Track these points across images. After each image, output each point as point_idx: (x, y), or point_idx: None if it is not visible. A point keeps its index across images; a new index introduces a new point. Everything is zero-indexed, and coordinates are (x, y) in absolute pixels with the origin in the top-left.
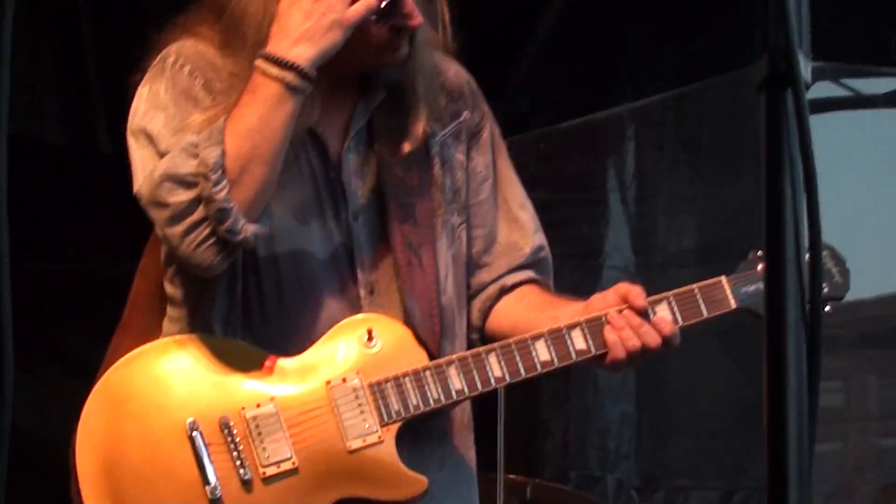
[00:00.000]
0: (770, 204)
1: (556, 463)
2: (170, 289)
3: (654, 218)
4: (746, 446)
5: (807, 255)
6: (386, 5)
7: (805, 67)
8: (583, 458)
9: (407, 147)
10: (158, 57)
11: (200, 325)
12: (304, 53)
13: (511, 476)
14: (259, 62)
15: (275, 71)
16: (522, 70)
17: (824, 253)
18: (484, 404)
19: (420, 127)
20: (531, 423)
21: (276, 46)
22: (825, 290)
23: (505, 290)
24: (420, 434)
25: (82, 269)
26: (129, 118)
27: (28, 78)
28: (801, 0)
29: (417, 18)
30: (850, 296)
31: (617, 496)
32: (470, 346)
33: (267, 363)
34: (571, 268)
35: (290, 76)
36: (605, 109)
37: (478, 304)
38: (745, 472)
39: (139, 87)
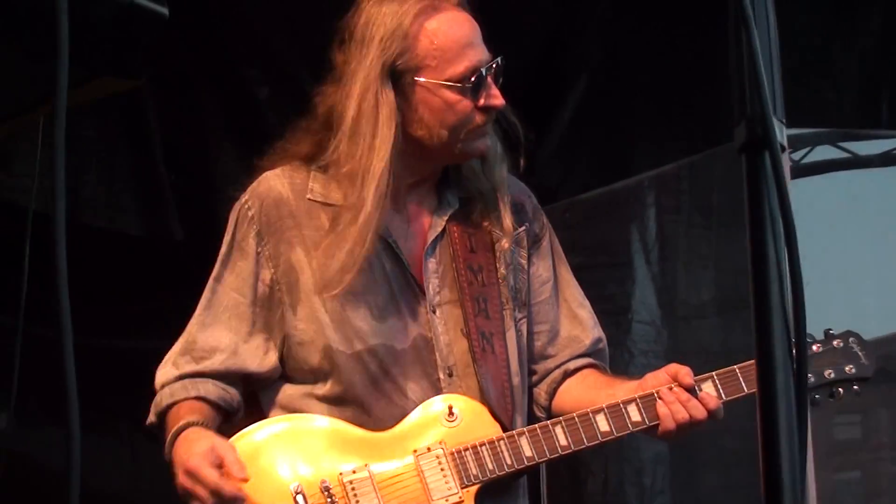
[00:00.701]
0: (754, 255)
1: (598, 500)
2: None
3: (675, 275)
4: None
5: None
6: (476, 79)
7: (780, 132)
8: (621, 495)
9: (479, 250)
10: (246, 191)
11: (303, 407)
12: None
13: None
14: None
15: None
16: (550, 148)
17: (851, 339)
18: None
19: (491, 232)
20: (573, 464)
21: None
22: (853, 370)
23: (568, 374)
24: (498, 493)
25: (170, 347)
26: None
27: (108, 176)
28: (774, 71)
29: (500, 99)
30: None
31: None
32: (536, 422)
33: None
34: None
35: None
36: (625, 179)
37: (544, 386)
38: None
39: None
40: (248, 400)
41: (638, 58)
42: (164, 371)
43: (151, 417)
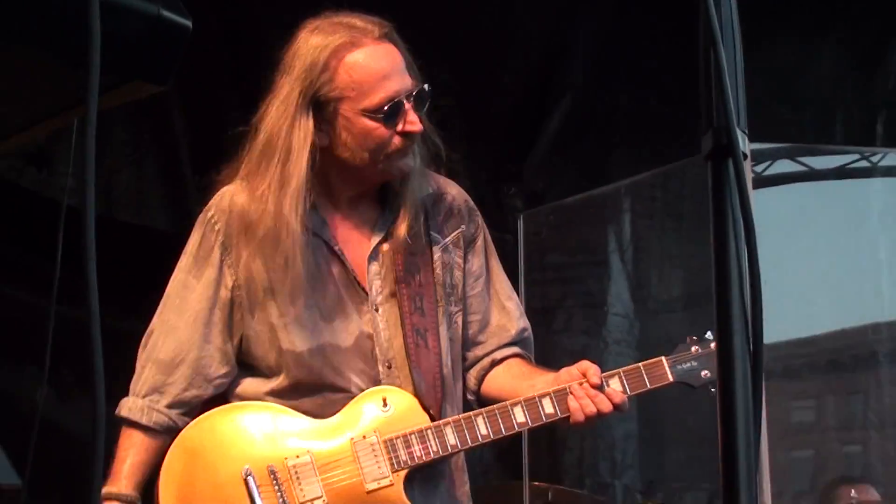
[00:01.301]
0: (717, 253)
1: (574, 472)
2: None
3: (648, 273)
4: None
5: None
6: (390, 108)
7: (742, 141)
8: (595, 468)
9: (416, 253)
10: (207, 206)
11: (254, 390)
12: None
13: (535, 483)
14: None
15: None
16: (537, 158)
17: None
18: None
19: (420, 239)
20: (551, 440)
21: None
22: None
23: (495, 363)
24: (427, 477)
25: None
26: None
27: (137, 177)
28: (738, 87)
29: (417, 125)
30: (815, 332)
31: (624, 498)
32: (466, 405)
33: None
34: (582, 315)
35: None
36: (604, 186)
37: (474, 373)
38: None
39: (195, 225)
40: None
41: (617, 80)
42: (136, 376)
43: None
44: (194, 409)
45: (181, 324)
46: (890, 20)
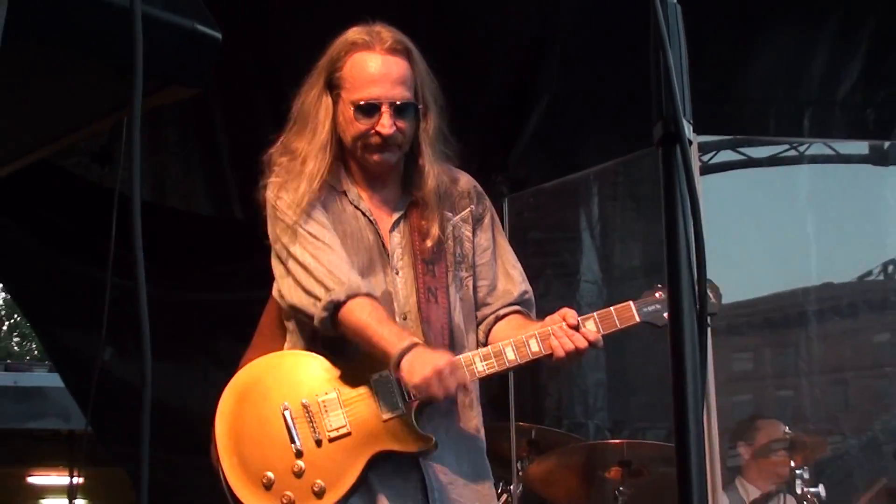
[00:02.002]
0: (668, 225)
1: (553, 414)
2: (288, 325)
3: (613, 246)
4: None
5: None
6: (366, 105)
7: (688, 129)
8: (571, 411)
9: (430, 227)
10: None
11: (301, 347)
12: None
13: (520, 423)
14: None
15: None
16: (519, 151)
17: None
18: (504, 382)
19: (432, 220)
20: (535, 387)
21: None
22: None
23: (499, 318)
24: (434, 411)
25: (232, 298)
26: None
27: (185, 171)
28: (684, 84)
29: (387, 129)
30: (754, 294)
31: (596, 436)
32: None
33: None
34: (559, 282)
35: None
36: (576, 173)
37: (483, 327)
38: None
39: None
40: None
41: (586, 84)
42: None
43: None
44: None
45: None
46: (814, 30)
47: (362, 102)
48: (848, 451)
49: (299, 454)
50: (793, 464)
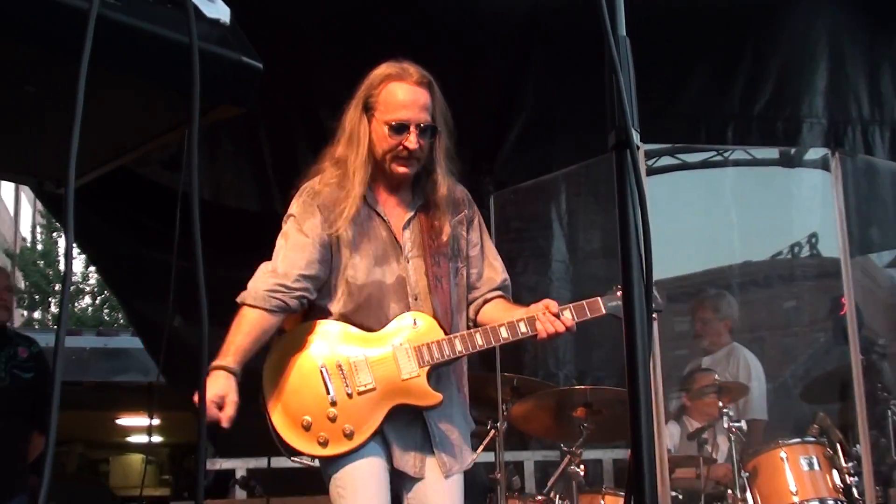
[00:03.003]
0: (621, 218)
1: (531, 366)
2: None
3: (578, 233)
4: None
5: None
6: (397, 125)
7: (636, 137)
8: (545, 363)
9: (435, 227)
10: (302, 187)
11: (332, 318)
12: None
13: (505, 374)
14: None
15: None
16: (503, 157)
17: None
18: None
19: (444, 221)
20: (517, 346)
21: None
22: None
23: (486, 301)
24: (441, 374)
25: (249, 277)
26: (288, 211)
27: (237, 175)
28: (633, 99)
29: (413, 145)
30: (690, 270)
31: (565, 383)
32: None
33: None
34: (534, 262)
35: None
36: (548, 174)
37: (472, 308)
38: None
39: (296, 197)
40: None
41: (555, 103)
42: (256, 280)
43: (239, 299)
44: (293, 299)
45: (292, 252)
46: (735, 60)
47: (394, 123)
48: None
49: (333, 403)
50: (720, 404)
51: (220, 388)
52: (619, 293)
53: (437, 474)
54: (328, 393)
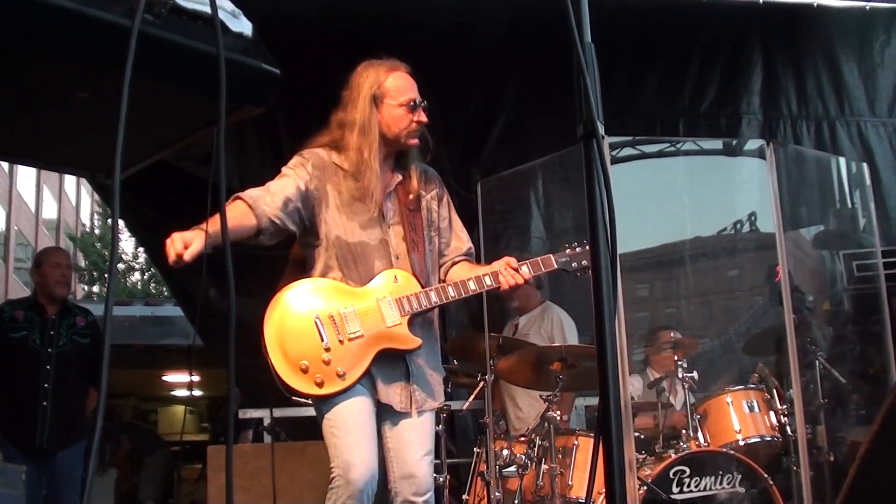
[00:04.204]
0: (589, 200)
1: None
2: (308, 262)
3: (553, 214)
4: None
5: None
6: (412, 104)
7: (601, 128)
8: None
9: (412, 198)
10: (301, 151)
11: (320, 275)
12: None
13: (492, 333)
14: None
15: None
16: (488, 149)
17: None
18: (481, 305)
19: (418, 194)
20: (502, 310)
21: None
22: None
23: (454, 264)
24: (419, 321)
25: (286, 253)
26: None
27: (259, 167)
28: (598, 96)
29: (424, 118)
30: (649, 245)
31: None
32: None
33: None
34: (515, 239)
35: None
36: (526, 164)
37: (443, 270)
38: None
39: (293, 159)
40: (296, 265)
41: (532, 104)
42: (254, 189)
43: (239, 194)
44: (272, 216)
45: (281, 181)
46: (685, 66)
47: (410, 102)
48: (712, 349)
49: (327, 349)
50: (676, 357)
51: (191, 234)
52: (567, 251)
53: (413, 410)
54: (322, 340)
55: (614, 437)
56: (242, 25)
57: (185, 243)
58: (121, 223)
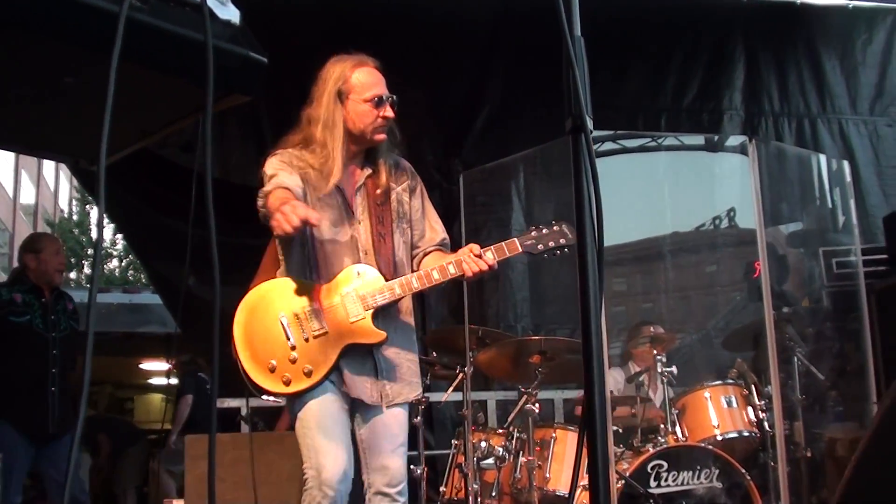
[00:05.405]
0: (577, 192)
1: (493, 319)
2: (280, 258)
3: (533, 206)
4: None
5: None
6: (377, 100)
7: (589, 123)
8: (506, 317)
9: (381, 193)
10: (274, 152)
11: (291, 274)
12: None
13: (472, 325)
14: None
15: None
16: (470, 142)
17: (564, 225)
18: (461, 297)
19: (388, 187)
20: (481, 301)
21: None
22: (563, 241)
23: (426, 254)
24: (386, 316)
25: (252, 244)
26: (267, 171)
27: (243, 155)
28: (587, 90)
29: (392, 114)
30: (629, 239)
31: (522, 334)
32: None
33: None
34: (496, 231)
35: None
36: (508, 157)
37: (415, 261)
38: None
39: (269, 160)
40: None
41: (515, 99)
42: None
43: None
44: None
45: (285, 176)
46: (667, 62)
47: (375, 98)
48: (691, 344)
49: (293, 348)
50: (655, 352)
51: (303, 205)
52: (533, 232)
53: (383, 404)
54: (288, 339)
55: (598, 433)
56: (230, 13)
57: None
58: None
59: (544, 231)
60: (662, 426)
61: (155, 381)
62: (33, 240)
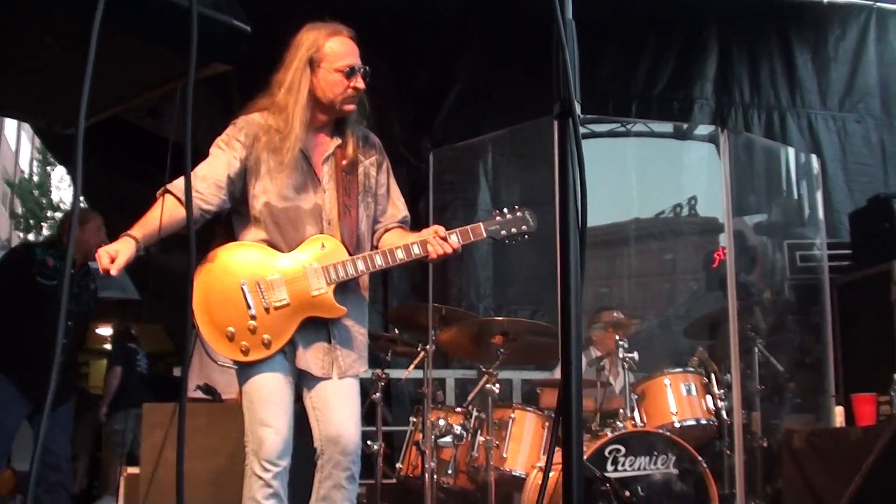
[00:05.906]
0: (561, 175)
1: (456, 298)
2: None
3: (500, 187)
4: (545, 290)
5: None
6: (348, 70)
7: (577, 107)
8: (468, 296)
9: (349, 163)
10: (235, 120)
11: (249, 237)
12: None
13: (435, 304)
14: None
15: None
16: (441, 118)
17: (526, 211)
18: (424, 275)
19: (356, 159)
20: (445, 280)
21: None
22: (525, 228)
23: (387, 230)
24: (344, 290)
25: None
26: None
27: (210, 123)
28: (576, 75)
29: (362, 85)
30: (594, 224)
31: (485, 314)
32: None
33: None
34: (463, 210)
35: None
36: (477, 137)
37: (376, 236)
38: (544, 301)
39: (227, 129)
40: (226, 229)
41: (487, 79)
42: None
43: (168, 186)
44: (205, 202)
45: (214, 161)
46: (639, 50)
47: (346, 68)
48: (651, 329)
49: (253, 317)
50: (617, 337)
51: (118, 246)
52: (497, 218)
53: (335, 375)
54: (248, 308)
55: (574, 418)
56: None
57: (111, 257)
58: (62, 171)
59: (508, 216)
60: (621, 411)
61: (109, 345)
62: (81, 211)
